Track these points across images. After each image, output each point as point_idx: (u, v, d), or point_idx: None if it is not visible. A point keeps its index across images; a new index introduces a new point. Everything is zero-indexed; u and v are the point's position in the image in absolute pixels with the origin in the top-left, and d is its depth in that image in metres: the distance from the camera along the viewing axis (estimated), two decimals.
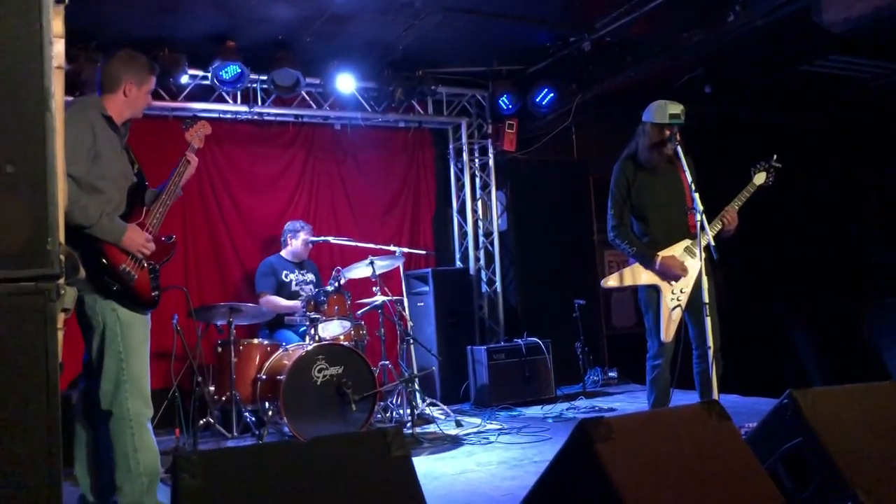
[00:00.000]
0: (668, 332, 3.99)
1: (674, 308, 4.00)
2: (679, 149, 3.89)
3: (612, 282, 4.18)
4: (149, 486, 3.01)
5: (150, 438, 3.08)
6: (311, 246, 5.94)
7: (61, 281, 1.54)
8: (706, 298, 3.68)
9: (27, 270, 1.51)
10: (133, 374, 3.04)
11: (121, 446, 2.98)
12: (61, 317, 1.57)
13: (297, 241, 5.87)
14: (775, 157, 4.20)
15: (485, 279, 7.39)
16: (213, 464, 1.78)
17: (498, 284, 7.30)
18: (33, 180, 1.55)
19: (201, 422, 4.99)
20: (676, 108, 3.99)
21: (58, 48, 1.76)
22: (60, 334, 1.55)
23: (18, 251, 1.52)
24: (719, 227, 4.04)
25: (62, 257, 1.55)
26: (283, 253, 5.93)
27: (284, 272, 5.81)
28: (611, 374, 7.04)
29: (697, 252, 3.85)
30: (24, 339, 1.48)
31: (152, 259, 3.19)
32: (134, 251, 3.06)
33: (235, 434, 5.04)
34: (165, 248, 3.29)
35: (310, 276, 5.89)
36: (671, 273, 4.00)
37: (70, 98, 4.26)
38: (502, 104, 6.96)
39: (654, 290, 4.05)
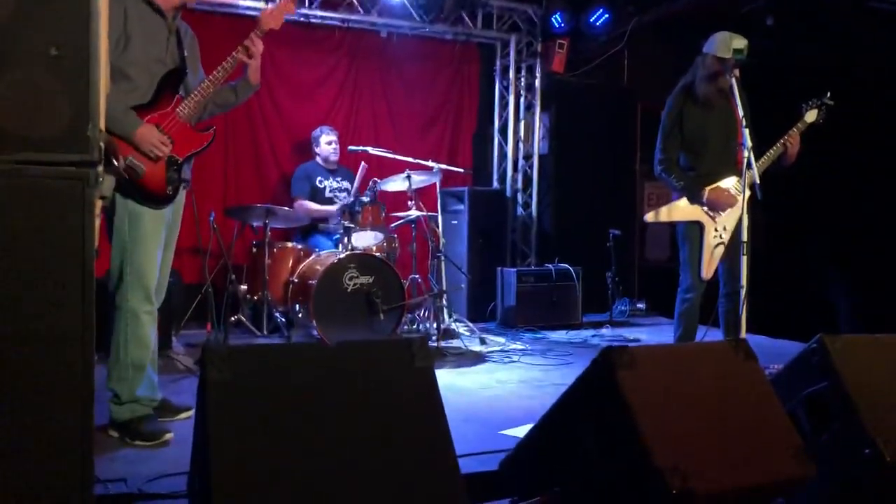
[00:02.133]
0: (709, 269, 3.97)
1: (716, 245, 3.95)
2: (734, 83, 3.75)
3: (652, 217, 4.13)
4: (132, 379, 2.99)
5: (144, 333, 3.02)
6: (336, 147, 5.89)
7: (100, 168, 1.55)
8: (744, 237, 3.62)
9: (67, 155, 1.53)
10: (136, 266, 2.98)
11: (116, 334, 2.98)
12: (98, 203, 1.59)
13: (321, 146, 5.88)
14: (829, 94, 4.05)
15: (521, 202, 7.33)
16: (241, 359, 1.82)
17: (534, 208, 7.24)
18: (76, 65, 1.55)
19: (232, 318, 5.12)
20: (741, 43, 3.83)
21: None
22: (97, 221, 1.58)
23: (59, 136, 1.53)
24: (782, 150, 3.94)
25: (102, 144, 1.56)
26: (317, 160, 5.93)
27: (319, 178, 5.82)
28: (639, 305, 7.03)
29: (742, 189, 3.76)
30: (61, 222, 1.50)
31: (175, 152, 3.02)
32: (145, 149, 2.92)
33: (265, 333, 5.17)
34: (196, 139, 3.12)
35: (345, 184, 5.90)
36: (719, 204, 3.95)
37: None
38: (555, 22, 6.74)
39: (697, 226, 4.00)
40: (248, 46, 3.15)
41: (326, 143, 5.86)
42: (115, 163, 1.93)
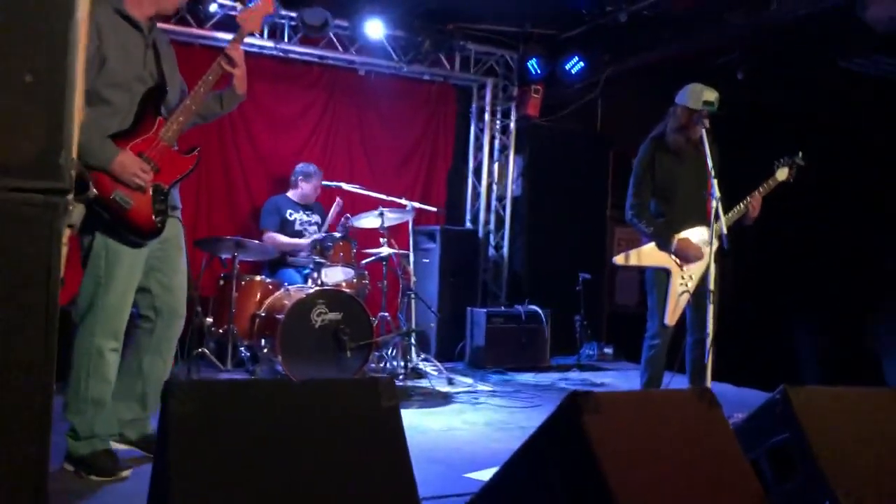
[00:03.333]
0: (672, 316, 4.00)
1: (682, 293, 4.00)
2: (704, 134, 3.84)
3: (621, 259, 4.18)
4: (92, 415, 2.88)
5: (107, 370, 2.89)
6: (319, 191, 5.91)
7: (70, 197, 1.53)
8: (711, 286, 3.67)
9: (37, 182, 1.50)
10: (108, 306, 2.84)
11: (76, 367, 2.86)
12: (66, 232, 1.56)
13: (307, 185, 5.85)
14: (801, 153, 4.16)
15: (492, 243, 7.37)
16: (204, 393, 1.79)
17: (505, 249, 7.29)
18: (51, 92, 1.54)
19: (196, 351, 5.04)
20: (711, 95, 3.93)
21: None
22: (64, 250, 1.55)
23: (30, 162, 1.51)
24: (744, 211, 4.02)
25: (73, 173, 1.54)
26: (289, 194, 5.90)
27: (289, 211, 5.79)
28: (606, 349, 7.05)
29: (710, 239, 3.82)
30: (27, 250, 1.47)
31: (161, 180, 2.86)
32: (126, 179, 2.74)
33: (229, 367, 5.10)
34: (181, 164, 2.95)
35: (315, 218, 5.88)
36: (687, 255, 4.00)
37: None
38: (531, 68, 6.87)
39: (664, 272, 4.05)
40: (228, 55, 3.05)
41: (314, 188, 5.84)
42: (87, 191, 1.89)
